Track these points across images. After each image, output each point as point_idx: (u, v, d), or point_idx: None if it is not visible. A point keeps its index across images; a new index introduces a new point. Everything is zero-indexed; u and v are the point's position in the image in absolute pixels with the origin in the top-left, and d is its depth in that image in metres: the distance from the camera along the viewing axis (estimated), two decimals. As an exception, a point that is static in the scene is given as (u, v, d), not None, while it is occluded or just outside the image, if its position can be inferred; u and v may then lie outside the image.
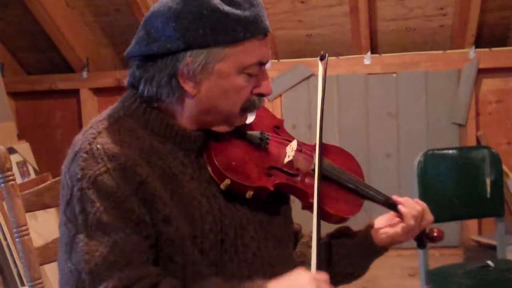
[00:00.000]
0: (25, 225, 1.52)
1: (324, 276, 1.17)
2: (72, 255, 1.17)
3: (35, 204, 1.59)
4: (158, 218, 1.18)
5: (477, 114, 3.65)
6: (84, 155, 1.18)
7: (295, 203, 1.39)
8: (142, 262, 1.16)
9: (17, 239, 1.51)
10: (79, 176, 1.17)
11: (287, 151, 1.37)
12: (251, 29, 1.20)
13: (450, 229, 3.32)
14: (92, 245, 1.14)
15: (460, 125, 3.63)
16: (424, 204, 1.43)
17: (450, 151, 2.84)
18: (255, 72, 1.25)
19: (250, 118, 1.34)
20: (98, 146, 1.18)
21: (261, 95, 1.29)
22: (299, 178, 1.34)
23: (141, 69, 1.25)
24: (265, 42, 1.25)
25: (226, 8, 1.18)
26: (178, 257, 1.20)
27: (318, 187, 1.30)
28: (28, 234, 1.52)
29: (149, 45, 1.22)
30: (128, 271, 1.14)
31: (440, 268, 2.68)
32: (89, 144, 1.19)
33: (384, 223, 1.46)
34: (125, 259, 1.14)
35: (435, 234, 1.45)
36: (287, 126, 1.48)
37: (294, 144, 1.39)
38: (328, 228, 1.47)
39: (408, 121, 3.69)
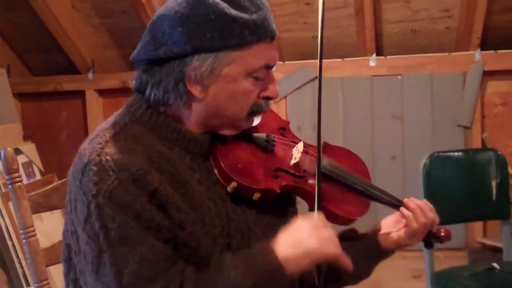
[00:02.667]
0: (32, 226, 1.53)
1: (322, 219, 1.21)
2: (100, 275, 1.16)
3: (42, 205, 1.59)
4: (174, 223, 1.18)
5: (483, 117, 3.64)
6: (94, 168, 1.16)
7: (303, 205, 1.39)
8: (168, 268, 1.16)
9: (23, 240, 1.52)
10: (94, 192, 1.15)
11: (293, 153, 1.37)
12: (258, 32, 1.20)
13: (455, 231, 3.27)
14: (120, 264, 1.14)
15: (465, 127, 3.62)
16: (431, 207, 1.43)
17: (456, 154, 2.83)
18: (262, 75, 1.25)
19: (256, 121, 1.34)
20: (107, 157, 1.17)
21: (268, 99, 1.29)
22: (305, 180, 1.34)
23: (148, 74, 1.24)
24: (272, 46, 1.25)
25: (234, 12, 1.18)
26: (194, 258, 1.20)
27: (319, 180, 1.29)
28: (35, 235, 1.53)
29: (156, 49, 1.21)
30: (158, 282, 1.14)
31: (445, 270, 2.67)
32: (98, 155, 1.18)
33: (390, 224, 1.46)
34: (154, 270, 1.15)
35: (442, 234, 1.44)
36: (292, 128, 1.48)
37: (300, 146, 1.39)
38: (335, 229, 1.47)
39: (413, 123, 3.68)
